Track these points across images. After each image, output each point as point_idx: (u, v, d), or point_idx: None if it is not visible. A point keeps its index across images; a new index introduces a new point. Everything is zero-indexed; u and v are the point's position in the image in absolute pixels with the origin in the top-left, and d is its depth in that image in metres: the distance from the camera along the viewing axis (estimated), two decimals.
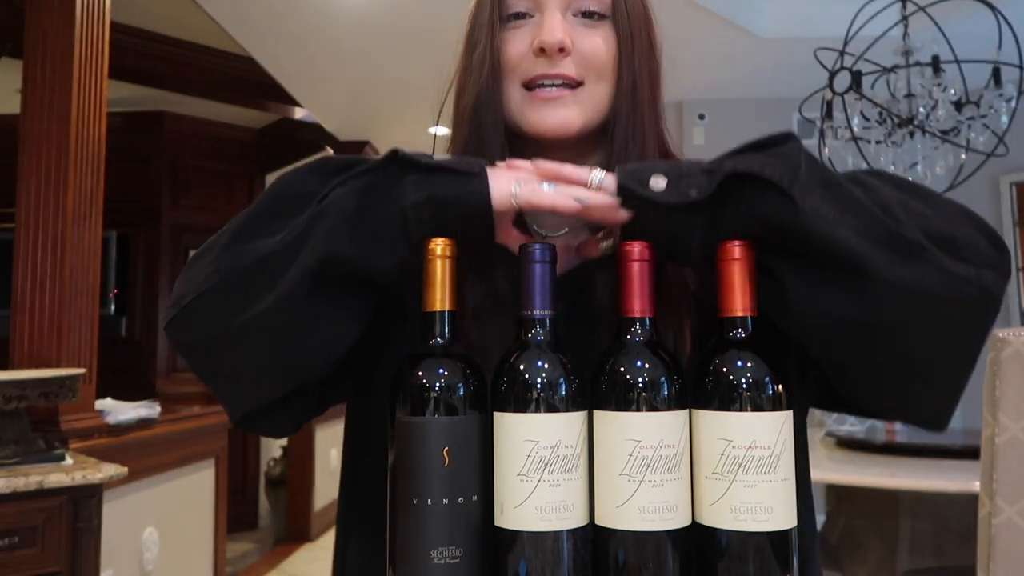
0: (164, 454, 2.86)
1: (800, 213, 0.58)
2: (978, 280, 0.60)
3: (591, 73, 0.71)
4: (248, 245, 0.64)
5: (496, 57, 0.71)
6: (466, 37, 0.75)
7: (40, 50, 2.46)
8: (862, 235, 0.59)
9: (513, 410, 0.61)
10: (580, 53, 0.70)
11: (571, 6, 0.71)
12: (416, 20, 3.52)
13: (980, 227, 0.65)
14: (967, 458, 2.28)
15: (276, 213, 0.65)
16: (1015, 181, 4.37)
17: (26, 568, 1.92)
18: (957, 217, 0.65)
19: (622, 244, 0.65)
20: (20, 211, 2.42)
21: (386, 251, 0.62)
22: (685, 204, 0.60)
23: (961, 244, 0.62)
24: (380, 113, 5.09)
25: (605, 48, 0.71)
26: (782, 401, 0.61)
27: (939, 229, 0.62)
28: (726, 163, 0.61)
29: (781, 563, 0.60)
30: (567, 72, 0.70)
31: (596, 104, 0.72)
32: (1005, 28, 2.78)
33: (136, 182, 5.17)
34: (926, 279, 0.59)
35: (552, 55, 0.69)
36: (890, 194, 0.64)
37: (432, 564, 0.60)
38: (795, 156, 0.61)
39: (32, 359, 2.39)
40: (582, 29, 0.71)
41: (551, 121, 0.71)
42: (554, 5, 0.70)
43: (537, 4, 0.71)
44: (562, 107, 0.70)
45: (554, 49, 0.69)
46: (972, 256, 0.61)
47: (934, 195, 0.67)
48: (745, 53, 3.96)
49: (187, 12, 3.59)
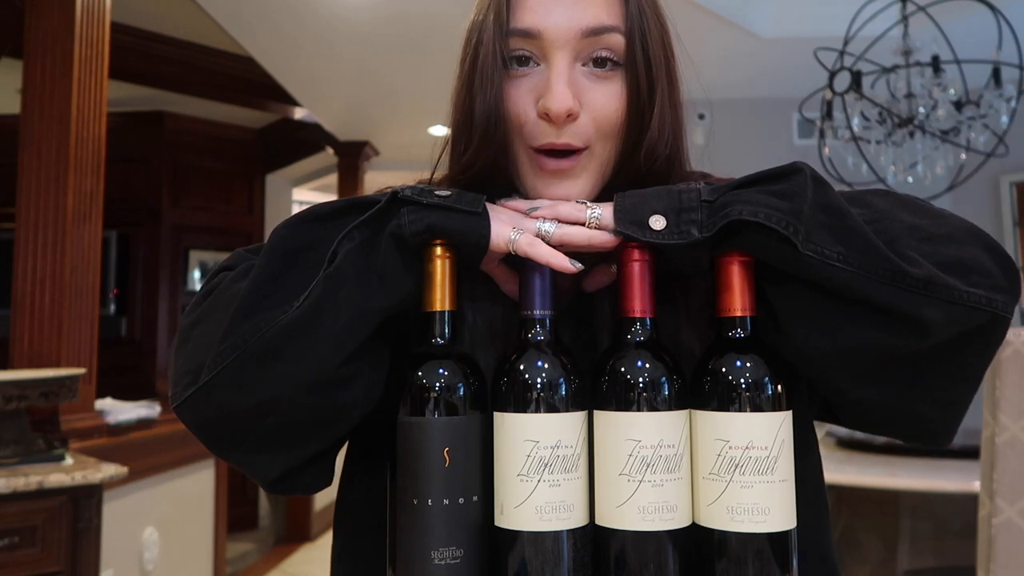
0: (164, 454, 2.86)
1: (801, 257, 0.59)
2: (989, 306, 0.60)
3: (599, 134, 0.67)
4: (264, 314, 0.60)
5: (501, 116, 0.65)
6: (465, 85, 0.67)
7: (40, 50, 2.46)
8: (867, 273, 0.59)
9: (513, 410, 0.61)
10: (589, 111, 0.65)
11: (580, 55, 0.65)
12: (416, 21, 3.52)
13: (989, 247, 0.64)
14: (967, 458, 2.28)
15: (284, 274, 0.61)
16: (1015, 181, 4.37)
17: (26, 568, 1.92)
18: (966, 238, 0.64)
19: (621, 244, 0.65)
20: (20, 211, 2.42)
21: (399, 287, 0.62)
22: (687, 244, 0.60)
23: (971, 267, 0.62)
24: (380, 113, 5.09)
25: (615, 107, 0.66)
26: (781, 401, 0.61)
27: (948, 255, 0.62)
28: (729, 203, 0.60)
29: (780, 564, 0.60)
30: (573, 142, 0.66)
31: (603, 165, 0.68)
32: (1005, 28, 2.78)
33: (136, 182, 5.18)
34: (934, 314, 0.59)
35: (558, 122, 0.64)
36: (898, 220, 0.64)
37: (432, 564, 0.60)
38: (801, 193, 0.60)
39: (32, 359, 2.39)
40: (592, 82, 0.66)
41: (560, 194, 0.67)
42: (561, 56, 0.64)
43: (542, 52, 0.65)
44: (569, 179, 0.67)
45: (560, 116, 0.64)
46: (982, 280, 0.61)
47: (942, 215, 0.67)
48: (745, 53, 3.96)
49: (187, 12, 3.59)
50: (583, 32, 0.64)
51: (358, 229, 0.62)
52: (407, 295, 0.63)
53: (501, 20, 0.65)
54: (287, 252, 0.62)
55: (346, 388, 0.63)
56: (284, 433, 0.63)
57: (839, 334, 0.61)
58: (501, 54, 0.65)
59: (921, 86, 3.02)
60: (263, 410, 0.61)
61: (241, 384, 0.60)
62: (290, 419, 0.62)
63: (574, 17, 0.64)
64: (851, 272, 0.58)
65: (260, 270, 0.61)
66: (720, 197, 0.61)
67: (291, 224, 0.63)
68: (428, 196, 0.61)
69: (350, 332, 0.60)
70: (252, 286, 0.61)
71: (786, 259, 0.60)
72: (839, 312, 0.60)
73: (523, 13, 0.65)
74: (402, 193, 0.62)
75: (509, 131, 0.67)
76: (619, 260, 0.65)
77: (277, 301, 0.60)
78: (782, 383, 0.62)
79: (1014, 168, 4.24)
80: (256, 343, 0.59)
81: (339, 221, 0.62)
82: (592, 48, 0.65)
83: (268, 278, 0.61)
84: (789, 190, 0.60)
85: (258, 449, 0.64)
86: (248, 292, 0.60)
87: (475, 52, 0.67)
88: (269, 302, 0.60)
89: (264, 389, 0.60)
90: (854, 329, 0.60)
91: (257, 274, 0.61)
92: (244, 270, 0.66)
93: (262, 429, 0.62)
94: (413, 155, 6.05)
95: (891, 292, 0.58)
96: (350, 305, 0.60)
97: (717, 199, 0.61)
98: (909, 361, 0.62)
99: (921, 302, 0.59)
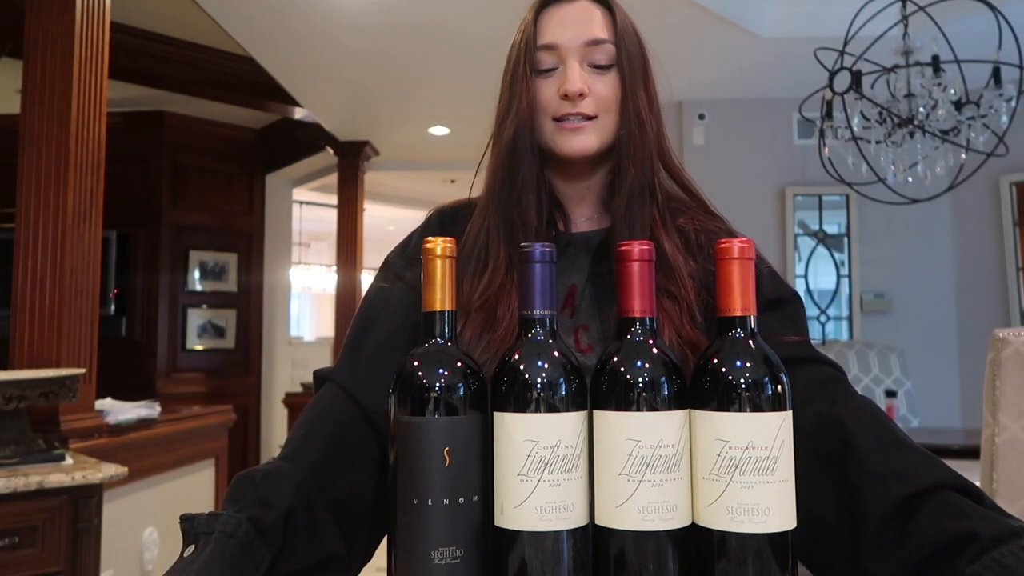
0: (164, 454, 2.86)
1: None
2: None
3: (602, 108, 0.91)
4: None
5: (532, 100, 0.92)
6: (508, 84, 0.95)
7: (40, 50, 2.46)
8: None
9: (513, 410, 0.61)
10: (594, 95, 0.91)
11: (585, 60, 0.91)
12: (416, 21, 3.52)
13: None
14: (967, 458, 2.27)
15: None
16: (1015, 181, 4.37)
17: (26, 568, 1.92)
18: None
19: (621, 244, 0.65)
20: (20, 211, 2.42)
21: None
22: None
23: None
24: (380, 113, 5.09)
25: (612, 90, 0.92)
26: (781, 401, 0.61)
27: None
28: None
29: (780, 565, 0.59)
30: (585, 110, 0.90)
31: (607, 131, 0.92)
32: (1005, 28, 2.78)
33: (136, 182, 5.18)
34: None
35: (574, 99, 0.89)
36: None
37: (432, 564, 0.60)
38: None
39: (32, 359, 2.39)
40: (594, 76, 0.91)
41: (576, 146, 0.90)
42: (573, 59, 0.91)
43: (560, 58, 0.92)
44: (583, 135, 0.91)
45: (575, 95, 0.89)
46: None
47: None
48: (745, 53, 3.96)
49: (187, 12, 3.59)
50: (587, 43, 0.91)
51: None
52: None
53: (528, 38, 0.93)
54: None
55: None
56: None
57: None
58: (529, 62, 0.92)
59: (921, 86, 3.02)
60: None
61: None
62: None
63: (581, 33, 0.91)
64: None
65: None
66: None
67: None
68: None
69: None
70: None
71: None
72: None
73: (546, 33, 0.93)
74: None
75: (539, 111, 0.92)
76: (619, 260, 0.65)
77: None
78: (782, 383, 0.62)
79: (1014, 168, 4.24)
80: None
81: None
82: (593, 54, 0.92)
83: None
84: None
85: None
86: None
87: (515, 61, 0.94)
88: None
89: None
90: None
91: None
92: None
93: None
94: (413, 155, 6.06)
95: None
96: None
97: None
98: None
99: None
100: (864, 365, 3.80)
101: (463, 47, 3.77)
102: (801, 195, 4.63)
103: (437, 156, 5.92)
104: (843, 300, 4.64)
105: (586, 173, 0.95)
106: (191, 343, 5.41)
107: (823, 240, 4.64)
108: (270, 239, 5.91)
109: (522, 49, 0.93)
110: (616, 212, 0.90)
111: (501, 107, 0.95)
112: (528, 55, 0.92)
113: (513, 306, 0.83)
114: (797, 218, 4.64)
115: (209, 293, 5.54)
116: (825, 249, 4.65)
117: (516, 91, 0.92)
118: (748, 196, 4.56)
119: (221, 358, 5.58)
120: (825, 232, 4.66)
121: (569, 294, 0.90)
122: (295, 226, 6.57)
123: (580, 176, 0.95)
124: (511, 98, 0.93)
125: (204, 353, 5.48)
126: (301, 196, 6.86)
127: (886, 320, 4.55)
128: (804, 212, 4.67)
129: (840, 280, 4.64)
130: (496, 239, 0.90)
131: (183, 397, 4.81)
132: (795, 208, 4.63)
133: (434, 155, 5.92)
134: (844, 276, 4.63)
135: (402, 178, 6.82)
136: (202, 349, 5.47)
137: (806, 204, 4.67)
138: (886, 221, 4.47)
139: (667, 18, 3.34)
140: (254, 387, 5.75)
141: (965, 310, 4.51)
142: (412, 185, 7.15)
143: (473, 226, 0.94)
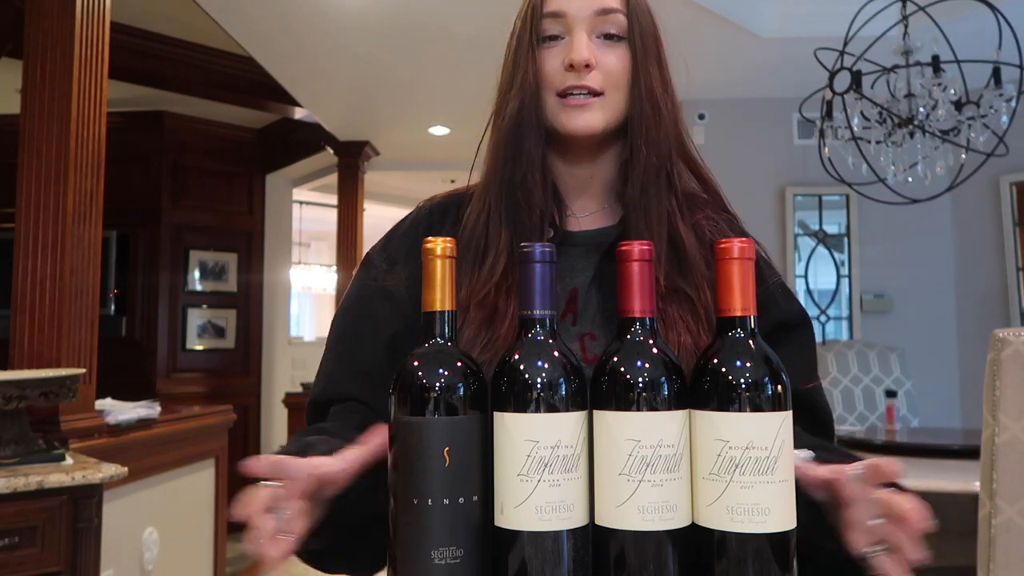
0: (164, 454, 2.86)
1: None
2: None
3: (610, 84, 0.83)
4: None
5: (536, 72, 0.84)
6: (512, 55, 0.87)
7: (40, 50, 2.46)
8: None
9: (513, 410, 0.61)
10: (602, 68, 0.83)
11: (594, 30, 0.84)
12: (416, 21, 3.52)
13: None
14: (967, 458, 2.28)
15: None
16: (1015, 181, 4.36)
17: (26, 568, 1.92)
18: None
19: (621, 244, 0.65)
20: (20, 211, 2.42)
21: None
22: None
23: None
24: (380, 113, 5.09)
25: (621, 64, 0.84)
26: (781, 401, 0.61)
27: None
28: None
29: (780, 565, 0.59)
30: (591, 84, 0.82)
31: (615, 109, 0.84)
32: (1005, 28, 2.78)
33: (136, 182, 5.18)
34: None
35: (579, 70, 0.82)
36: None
37: (432, 564, 0.60)
38: None
39: (32, 359, 2.38)
40: (603, 48, 0.84)
41: (579, 123, 0.82)
42: (580, 29, 0.83)
43: (567, 28, 0.84)
44: (588, 112, 0.82)
45: (581, 65, 0.81)
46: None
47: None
48: (745, 53, 3.96)
49: (187, 12, 3.59)
50: (596, 12, 0.83)
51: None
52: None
53: (536, 5, 0.85)
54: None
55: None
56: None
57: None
58: (535, 30, 0.85)
59: (921, 86, 3.02)
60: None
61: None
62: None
63: (590, 2, 0.83)
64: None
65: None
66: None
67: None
68: None
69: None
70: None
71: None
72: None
73: (552, 1, 0.84)
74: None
75: (543, 84, 0.84)
76: (619, 260, 0.65)
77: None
78: (782, 383, 0.62)
79: (1014, 168, 4.24)
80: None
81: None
82: (603, 24, 0.83)
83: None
84: None
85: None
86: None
87: (520, 30, 0.87)
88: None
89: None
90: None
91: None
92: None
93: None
94: (413, 155, 6.06)
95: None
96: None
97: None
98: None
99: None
100: (864, 365, 3.80)
101: (463, 47, 3.77)
102: (801, 195, 4.63)
103: (437, 156, 5.92)
104: (843, 300, 4.64)
105: (591, 156, 0.86)
106: (191, 343, 5.41)
107: (823, 240, 4.64)
108: (270, 239, 5.90)
109: (528, 16, 0.85)
110: (630, 200, 0.82)
111: (504, 80, 0.87)
112: (534, 22, 0.84)
113: (513, 303, 0.77)
114: (797, 218, 4.64)
115: (209, 293, 5.53)
116: (825, 249, 4.65)
117: (520, 61, 0.84)
118: (748, 196, 4.55)
119: (221, 358, 5.58)
120: (825, 232, 4.66)
121: (570, 299, 0.82)
122: (295, 226, 6.57)
123: (584, 158, 0.87)
124: (515, 69, 0.85)
125: (204, 353, 5.48)
126: (301, 196, 6.85)
127: (886, 320, 4.55)
128: (804, 212, 4.67)
129: (840, 280, 4.64)
130: (497, 223, 0.83)
131: (183, 397, 4.81)
132: (795, 208, 4.63)
133: (434, 155, 5.92)
134: (844, 276, 4.63)
135: (402, 178, 6.82)
136: (202, 349, 5.47)
137: (806, 204, 4.67)
138: (886, 221, 4.46)
139: (667, 18, 3.32)
140: (254, 387, 5.75)
141: (965, 310, 4.51)
142: (412, 185, 7.15)
143: (472, 210, 0.87)
